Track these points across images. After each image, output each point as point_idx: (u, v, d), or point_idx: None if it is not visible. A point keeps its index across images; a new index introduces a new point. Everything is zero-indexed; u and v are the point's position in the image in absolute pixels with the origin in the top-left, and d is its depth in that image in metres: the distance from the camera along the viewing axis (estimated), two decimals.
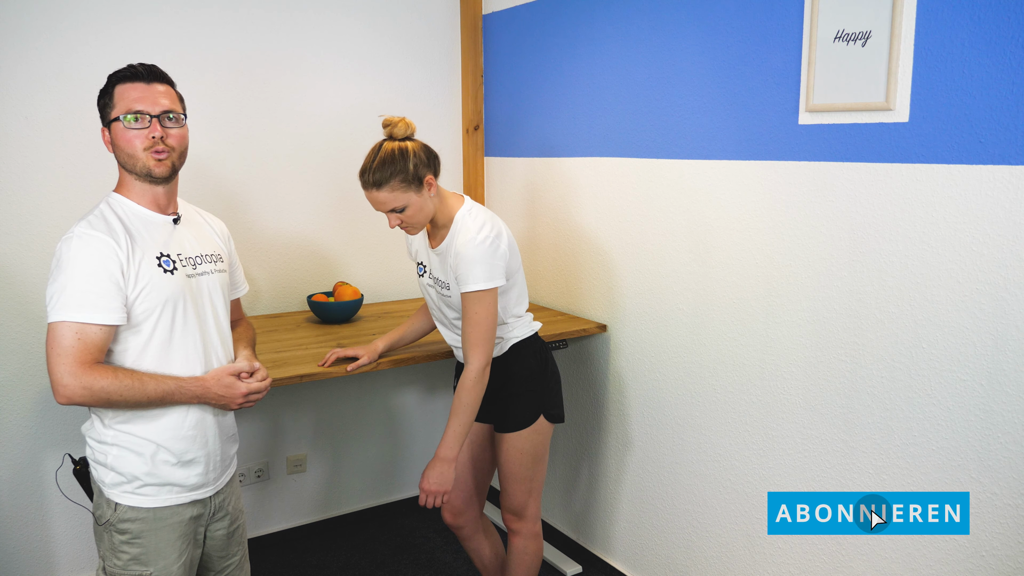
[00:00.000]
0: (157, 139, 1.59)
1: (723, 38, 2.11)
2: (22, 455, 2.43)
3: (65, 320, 1.50)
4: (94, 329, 1.52)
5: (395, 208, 1.93)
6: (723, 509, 2.28)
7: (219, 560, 1.79)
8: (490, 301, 1.95)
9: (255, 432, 2.85)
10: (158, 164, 1.60)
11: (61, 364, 1.50)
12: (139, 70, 1.62)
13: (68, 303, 1.51)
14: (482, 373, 1.97)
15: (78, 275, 1.52)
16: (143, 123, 1.58)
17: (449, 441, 1.99)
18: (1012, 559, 1.66)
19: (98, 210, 1.61)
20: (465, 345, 1.98)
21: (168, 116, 1.61)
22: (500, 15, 2.94)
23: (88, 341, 1.51)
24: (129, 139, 1.58)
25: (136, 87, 1.60)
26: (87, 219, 1.58)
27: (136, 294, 1.57)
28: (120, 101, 1.59)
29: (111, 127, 1.61)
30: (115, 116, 1.59)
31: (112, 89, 1.61)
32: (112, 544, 1.62)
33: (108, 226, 1.57)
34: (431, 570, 2.81)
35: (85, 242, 1.54)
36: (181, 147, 1.64)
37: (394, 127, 1.95)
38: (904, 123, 1.73)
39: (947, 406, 1.73)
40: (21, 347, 2.38)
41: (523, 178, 2.94)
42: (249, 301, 2.78)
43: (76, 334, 1.50)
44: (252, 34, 2.64)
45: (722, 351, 2.22)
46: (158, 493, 1.62)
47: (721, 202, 2.17)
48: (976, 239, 1.64)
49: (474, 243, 1.94)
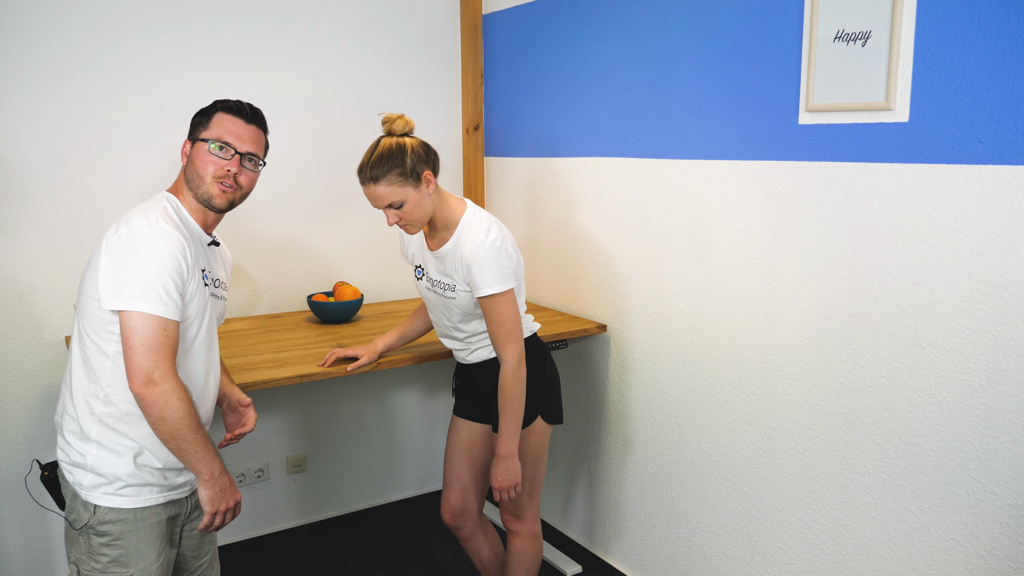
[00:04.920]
0: (231, 173, 1.64)
1: (723, 38, 2.11)
2: (22, 455, 2.43)
3: (154, 314, 1.51)
4: (173, 327, 1.54)
5: (392, 203, 1.93)
6: (723, 509, 2.28)
7: (193, 560, 1.80)
8: (508, 300, 1.98)
9: (255, 432, 2.85)
10: (221, 195, 1.65)
11: (152, 357, 1.50)
12: (246, 108, 1.70)
13: (149, 295, 1.51)
14: (519, 367, 2.01)
15: (158, 268, 1.52)
16: (226, 155, 1.65)
17: (507, 438, 2.03)
18: (1012, 559, 1.66)
19: (161, 207, 1.61)
20: (496, 345, 2.01)
21: (250, 158, 1.68)
22: (500, 15, 2.94)
23: (173, 338, 1.54)
24: (206, 163, 1.64)
25: (236, 122, 1.67)
26: (157, 212, 1.58)
27: (189, 298, 1.60)
28: (216, 126, 1.65)
29: (195, 144, 1.66)
30: (204, 137, 1.65)
31: (213, 113, 1.68)
32: (90, 548, 1.61)
33: (177, 224, 1.60)
34: (431, 570, 2.81)
35: (163, 236, 1.54)
36: (247, 189, 1.71)
37: (392, 123, 1.95)
38: (904, 123, 1.73)
39: (947, 406, 1.73)
40: (21, 347, 2.38)
41: (523, 178, 2.94)
42: (249, 301, 2.78)
43: (164, 330, 1.52)
44: (251, 34, 2.64)
45: (722, 351, 2.22)
46: (139, 493, 1.62)
47: (721, 202, 2.17)
48: (976, 239, 1.64)
49: (483, 247, 1.95)
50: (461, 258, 1.98)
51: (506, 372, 2.01)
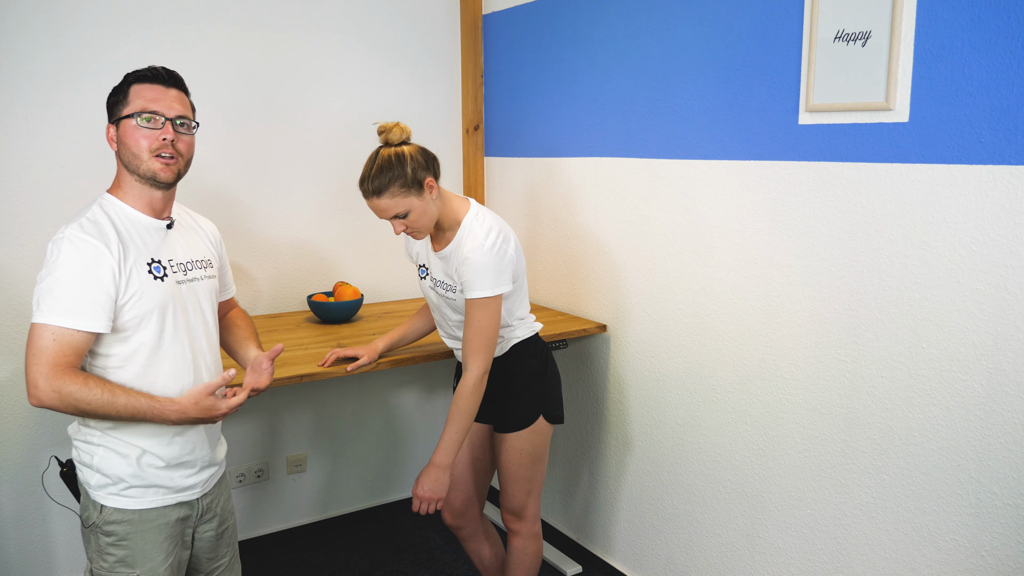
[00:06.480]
0: (167, 142, 1.57)
1: (723, 38, 2.11)
2: (22, 455, 2.43)
3: (46, 323, 1.47)
4: (71, 333, 1.48)
5: (398, 214, 1.92)
6: (723, 509, 2.28)
7: (208, 562, 1.79)
8: (494, 308, 1.95)
9: (255, 432, 2.86)
10: (164, 168, 1.58)
11: (35, 365, 1.47)
12: (160, 72, 1.60)
13: (52, 306, 1.47)
14: (480, 380, 1.97)
15: (65, 279, 1.48)
16: (156, 124, 1.56)
17: (445, 448, 1.98)
18: (1012, 559, 1.66)
19: (90, 212, 1.56)
20: (465, 351, 1.98)
21: (181, 122, 1.60)
22: (500, 15, 2.94)
23: (64, 343, 1.47)
24: (138, 139, 1.55)
25: (154, 88, 1.58)
26: (78, 222, 1.54)
27: (125, 300, 1.54)
28: (135, 100, 1.57)
29: (120, 124, 1.58)
30: (127, 113, 1.56)
31: (128, 87, 1.59)
32: (99, 546, 1.62)
33: (100, 230, 1.53)
34: (431, 570, 2.81)
35: (76, 246, 1.50)
36: (189, 154, 1.63)
37: (389, 133, 1.93)
38: (904, 123, 1.73)
39: (947, 406, 1.73)
40: (20, 347, 2.38)
41: (523, 178, 2.94)
42: (249, 301, 2.78)
43: (53, 336, 1.47)
44: (251, 33, 2.64)
45: (722, 351, 2.22)
46: (144, 495, 1.61)
47: (721, 202, 2.17)
48: (976, 239, 1.64)
49: (482, 249, 1.94)
50: (460, 258, 1.97)
51: (467, 382, 1.96)
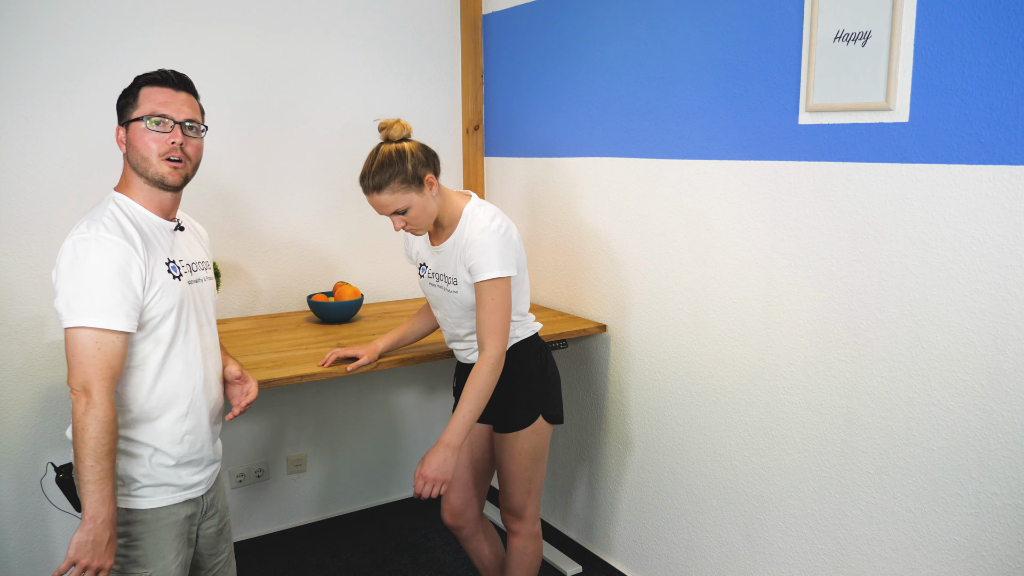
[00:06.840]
0: (176, 145, 1.57)
1: (723, 38, 2.11)
2: (22, 455, 2.43)
3: (82, 326, 1.47)
4: (112, 338, 1.49)
5: (398, 210, 1.93)
6: (723, 509, 2.28)
7: (210, 558, 1.80)
8: (505, 289, 1.95)
9: (255, 432, 2.85)
10: (172, 172, 1.59)
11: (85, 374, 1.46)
12: (170, 75, 1.61)
13: (89, 308, 1.47)
14: (498, 361, 1.96)
15: (98, 280, 1.48)
16: (165, 127, 1.57)
17: (457, 427, 1.95)
18: (1012, 559, 1.66)
19: (108, 212, 1.56)
20: (481, 334, 1.97)
21: (190, 125, 1.61)
22: (500, 15, 2.94)
23: (108, 352, 1.48)
24: (147, 142, 1.56)
25: (164, 92, 1.59)
26: (101, 221, 1.53)
27: (150, 299, 1.55)
28: (145, 102, 1.58)
29: (129, 127, 1.59)
30: (137, 116, 1.57)
31: (138, 90, 1.59)
32: None
33: (123, 230, 1.54)
34: (431, 570, 2.81)
35: (104, 247, 1.50)
36: (197, 158, 1.64)
37: (390, 129, 1.94)
38: (904, 123, 1.73)
39: (947, 406, 1.73)
40: (21, 347, 2.38)
41: (523, 178, 2.94)
42: (249, 301, 2.78)
43: (96, 344, 1.47)
44: (251, 33, 2.64)
45: (722, 351, 2.22)
46: (155, 494, 1.62)
47: (721, 202, 2.17)
48: (976, 239, 1.64)
49: (488, 231, 1.94)
50: (464, 243, 1.97)
51: (486, 360, 1.94)
